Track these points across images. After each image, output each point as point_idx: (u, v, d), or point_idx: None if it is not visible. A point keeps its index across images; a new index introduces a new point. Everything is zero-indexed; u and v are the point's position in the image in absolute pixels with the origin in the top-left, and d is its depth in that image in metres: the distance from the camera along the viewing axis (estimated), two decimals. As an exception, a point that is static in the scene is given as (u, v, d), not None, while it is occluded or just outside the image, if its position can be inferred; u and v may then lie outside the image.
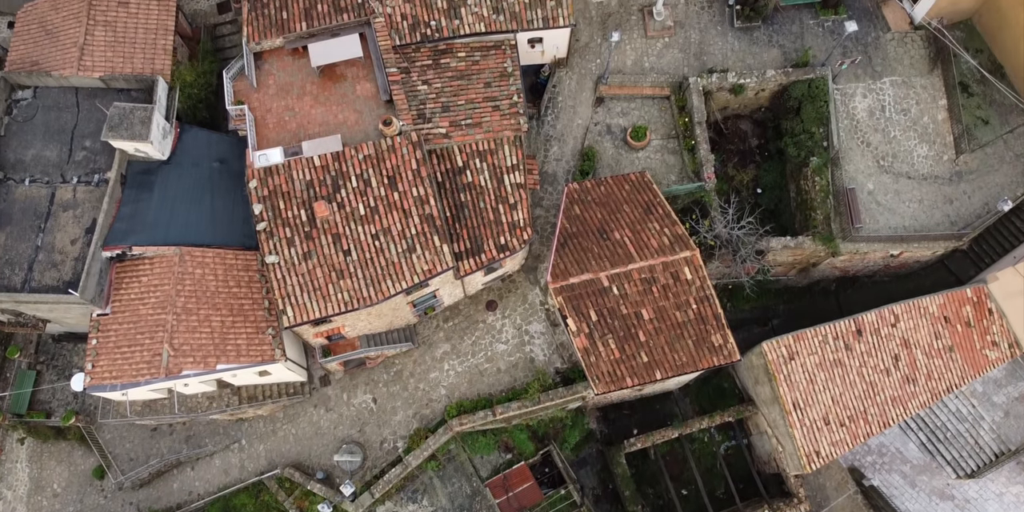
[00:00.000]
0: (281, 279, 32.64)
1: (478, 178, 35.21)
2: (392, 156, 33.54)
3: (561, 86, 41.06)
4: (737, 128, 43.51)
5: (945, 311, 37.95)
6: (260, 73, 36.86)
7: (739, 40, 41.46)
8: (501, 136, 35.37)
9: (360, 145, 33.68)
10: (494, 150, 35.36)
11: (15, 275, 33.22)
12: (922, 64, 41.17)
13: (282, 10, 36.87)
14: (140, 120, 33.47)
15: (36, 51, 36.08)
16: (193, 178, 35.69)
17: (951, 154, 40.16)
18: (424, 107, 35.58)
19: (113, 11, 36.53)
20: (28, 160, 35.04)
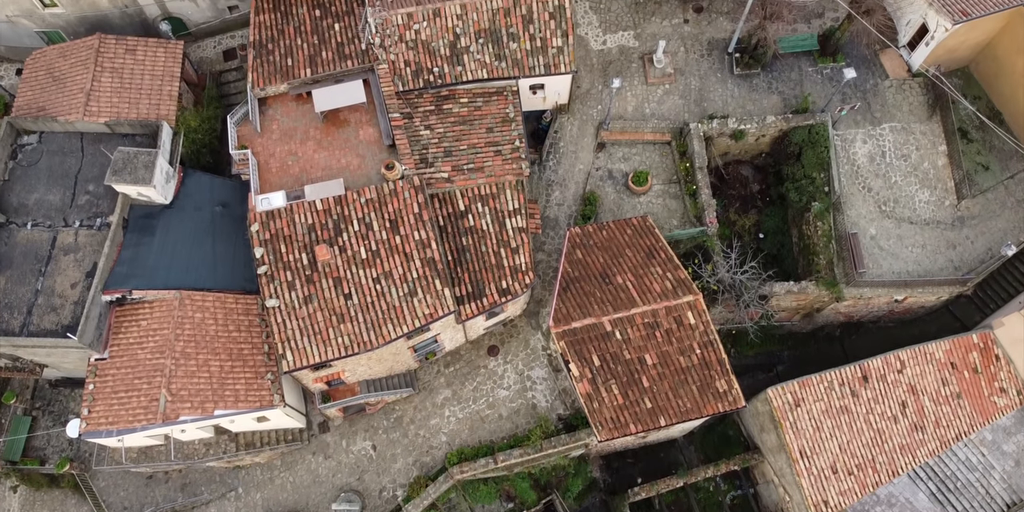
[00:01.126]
0: (281, 323, 32.40)
1: (480, 222, 35.21)
2: (394, 200, 33.59)
3: (563, 131, 41.37)
4: (738, 173, 43.70)
5: (951, 357, 37.53)
6: (264, 118, 37.17)
7: (739, 87, 41.88)
8: (503, 180, 35.47)
9: (362, 189, 33.77)
10: (496, 194, 35.43)
11: (14, 319, 32.99)
12: (921, 110, 41.50)
13: (287, 57, 37.38)
14: (144, 164, 33.62)
15: (43, 97, 36.46)
16: (195, 222, 35.71)
17: (952, 199, 40.22)
18: (426, 152, 35.78)
19: (120, 58, 37.03)
20: (31, 204, 35.11)
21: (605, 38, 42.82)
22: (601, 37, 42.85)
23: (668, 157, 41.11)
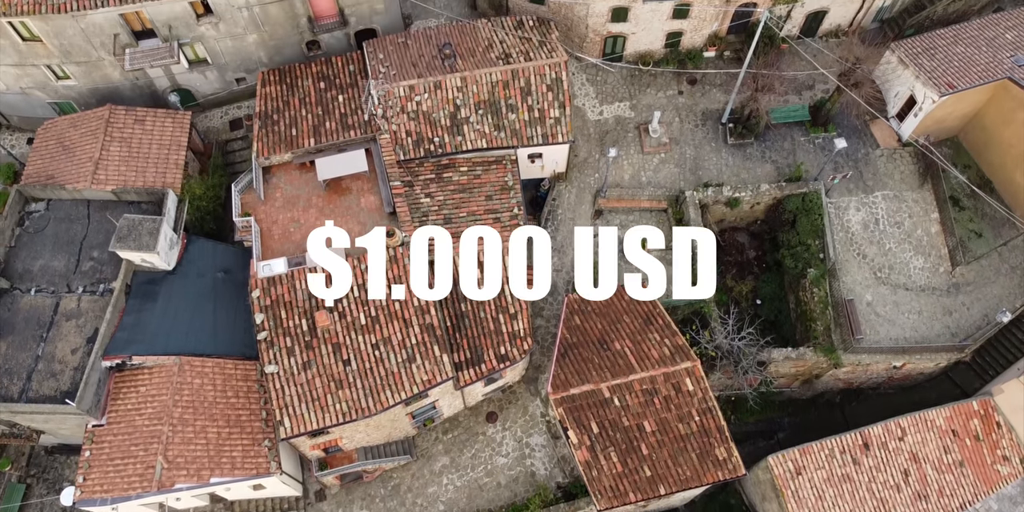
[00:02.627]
0: (279, 389, 32.43)
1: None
2: (394, 266, 34.00)
3: (561, 199, 42.07)
4: (734, 240, 44.25)
5: (952, 424, 37.32)
6: (268, 186, 37.93)
7: (733, 156, 42.78)
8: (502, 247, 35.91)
9: (363, 255, 34.20)
10: (495, 261, 35.85)
11: (13, 385, 33.04)
12: (912, 179, 42.28)
13: (291, 127, 38.36)
14: (148, 231, 34.18)
15: (52, 165, 37.29)
16: (197, 288, 36.06)
17: (947, 266, 40.62)
18: (427, 219, 36.38)
19: (129, 128, 38.02)
20: (36, 270, 35.54)
21: (602, 109, 43.95)
22: (598, 108, 43.98)
23: (665, 224, 41.68)
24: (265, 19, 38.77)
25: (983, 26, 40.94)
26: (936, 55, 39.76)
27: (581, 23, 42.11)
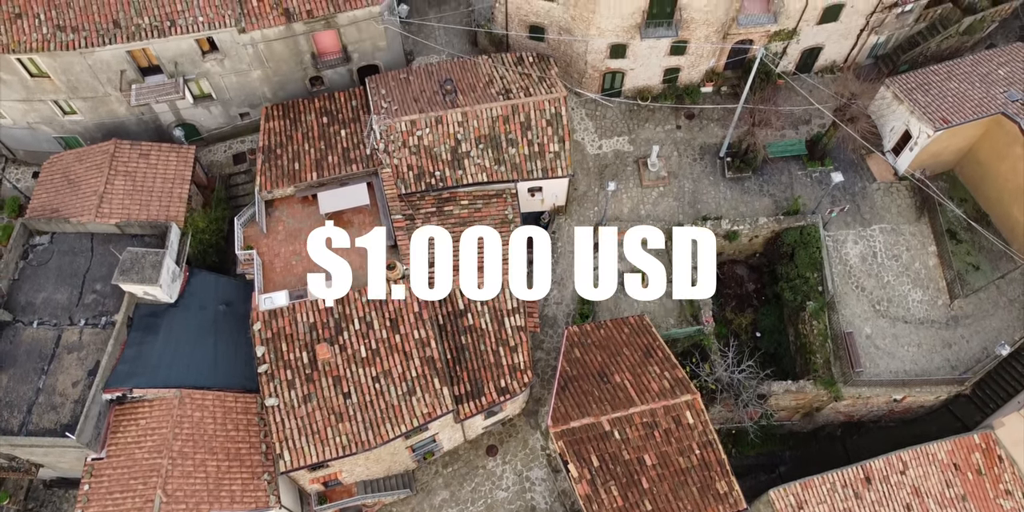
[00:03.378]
0: (280, 422, 32.44)
1: (479, 321, 35.68)
2: (395, 299, 34.17)
3: (561, 232, 42.39)
4: (733, 273, 44.48)
5: (954, 458, 37.17)
6: (270, 219, 38.28)
7: (731, 189, 43.19)
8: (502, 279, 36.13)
9: (364, 288, 34.42)
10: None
11: (13, 418, 33.04)
12: (909, 212, 42.63)
13: (294, 161, 38.82)
14: (151, 264, 34.43)
15: (57, 199, 37.67)
16: (198, 320, 36.21)
17: (945, 299, 40.78)
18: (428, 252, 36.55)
19: (134, 162, 38.46)
20: (38, 303, 35.73)
21: (601, 143, 44.46)
22: (597, 142, 44.50)
23: (664, 257, 41.88)
24: (269, 56, 39.45)
25: (976, 62, 41.56)
26: (930, 91, 40.33)
27: (580, 59, 42.79)
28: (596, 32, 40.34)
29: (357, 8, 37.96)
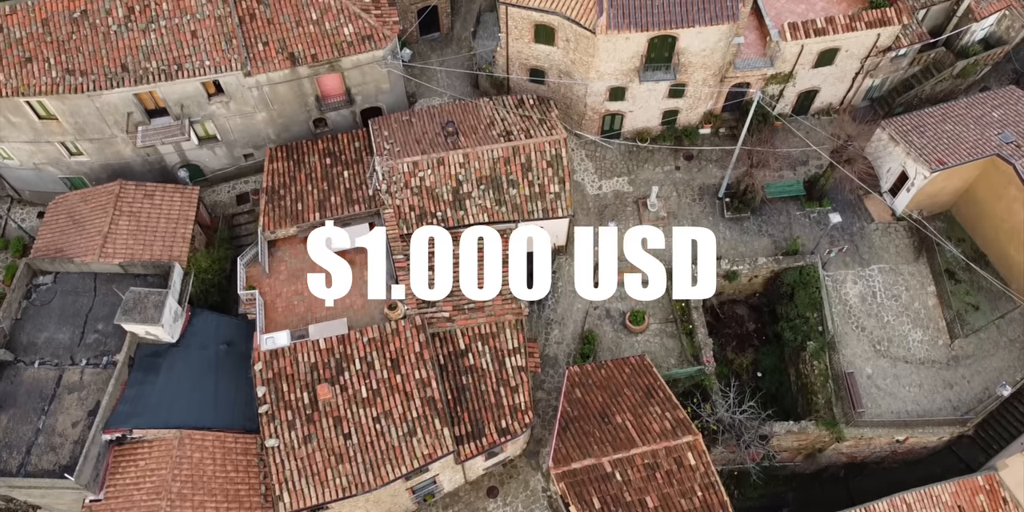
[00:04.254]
0: (279, 463, 32.28)
1: (480, 361, 35.72)
2: (396, 339, 34.27)
3: (561, 272, 42.59)
4: (733, 313, 44.59)
5: (958, 500, 36.85)
6: (273, 259, 38.52)
7: (730, 229, 43.50)
8: (503, 320, 36.26)
9: (365, 328, 34.53)
10: (496, 333, 36.13)
11: (12, 458, 32.88)
12: (908, 252, 42.89)
13: (297, 202, 39.20)
14: (154, 304, 34.57)
15: (62, 239, 37.97)
16: (200, 360, 36.23)
17: (945, 339, 40.83)
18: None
19: (139, 203, 38.84)
20: (40, 343, 35.79)
21: (601, 183, 44.91)
22: (597, 182, 44.95)
23: (664, 297, 42.08)
24: (274, 98, 40.08)
25: (970, 105, 42.23)
26: (926, 132, 40.89)
27: (580, 102, 43.45)
28: (596, 75, 41.04)
29: (361, 52, 38.65)
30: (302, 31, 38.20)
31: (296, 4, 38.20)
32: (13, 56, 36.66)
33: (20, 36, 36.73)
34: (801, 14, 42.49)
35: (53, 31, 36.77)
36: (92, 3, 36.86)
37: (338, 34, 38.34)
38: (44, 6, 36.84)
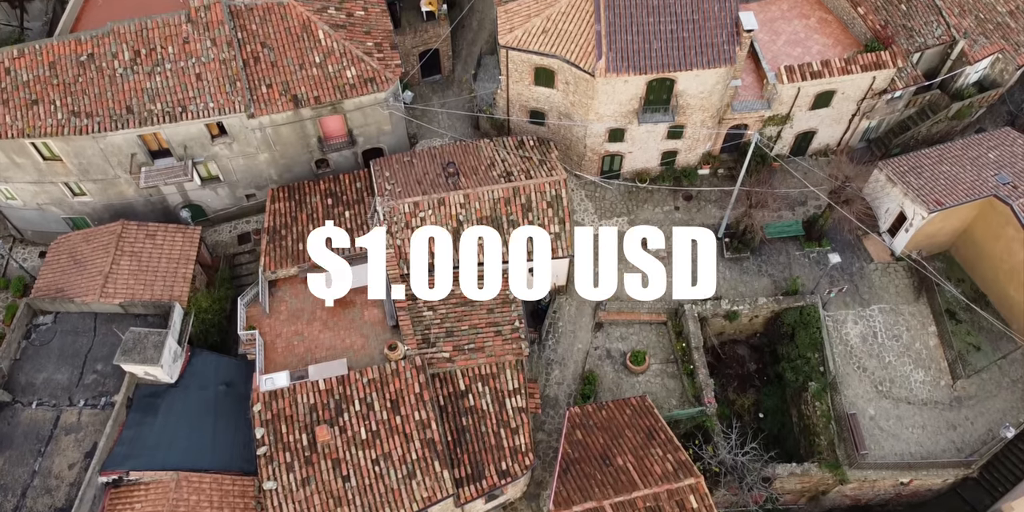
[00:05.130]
0: (277, 506, 31.91)
1: (480, 402, 35.54)
2: (396, 380, 34.14)
3: (561, 312, 42.58)
4: (735, 353, 44.47)
5: (964, 543, 36.47)
6: (273, 299, 38.54)
7: (730, 269, 43.60)
8: (503, 360, 36.17)
9: (365, 369, 34.42)
10: (496, 374, 36.01)
11: (7, 502, 32.53)
12: (907, 292, 42.91)
13: (299, 242, 39.36)
14: (153, 345, 34.50)
15: (63, 279, 38.03)
16: (198, 401, 36.04)
17: (948, 379, 40.67)
18: (428, 332, 36.75)
19: (140, 242, 38.98)
20: (38, 383, 35.65)
21: (601, 223, 45.08)
22: (597, 223, 45.14)
23: (665, 337, 42.05)
24: (277, 139, 40.49)
25: (966, 146, 42.63)
26: (923, 173, 41.22)
27: (580, 143, 43.88)
28: (595, 117, 41.52)
29: (363, 95, 39.16)
30: (305, 74, 38.74)
31: (300, 48, 38.80)
32: (20, 98, 37.13)
33: (27, 79, 37.23)
34: (797, 57, 43.13)
35: (60, 74, 37.29)
36: (99, 47, 37.43)
37: (341, 77, 38.87)
38: (52, 49, 37.42)
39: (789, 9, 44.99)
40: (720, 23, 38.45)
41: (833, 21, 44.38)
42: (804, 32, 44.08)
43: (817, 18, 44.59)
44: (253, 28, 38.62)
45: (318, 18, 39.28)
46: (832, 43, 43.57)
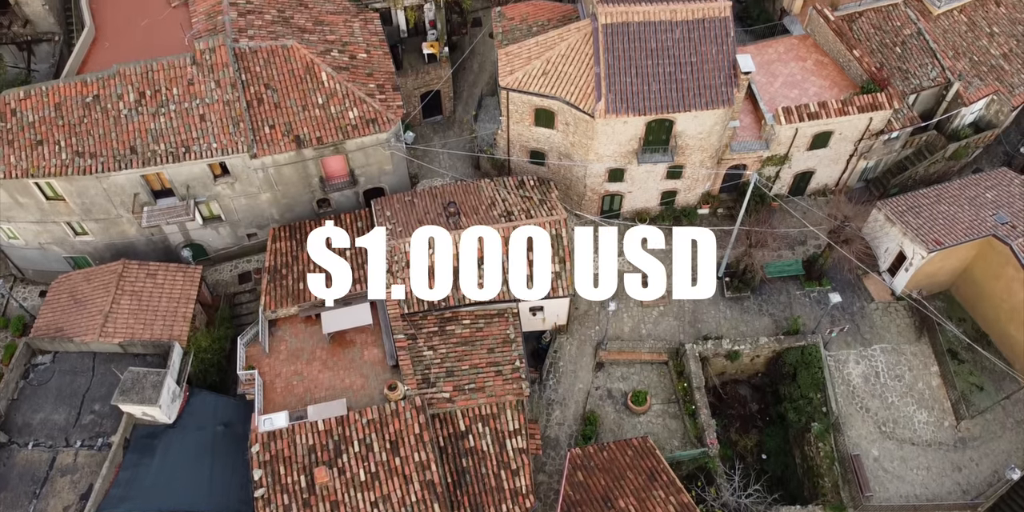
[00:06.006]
0: (274, 550, 31.47)
1: (480, 443, 35.22)
2: (395, 421, 33.88)
3: (562, 351, 42.43)
4: (736, 393, 44.19)
5: (973, 588, 35.83)
6: (273, 339, 38.44)
7: (731, 309, 43.55)
8: (504, 400, 35.95)
9: (364, 409, 34.18)
10: (496, 415, 35.76)
11: (0, 544, 32.15)
12: (909, 332, 42.80)
13: (299, 281, 39.38)
14: (152, 384, 34.34)
15: (63, 318, 37.96)
16: (196, 442, 35.73)
17: (951, 420, 40.34)
18: (429, 372, 36.59)
19: (141, 282, 39.00)
20: (35, 424, 35.39)
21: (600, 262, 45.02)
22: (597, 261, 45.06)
23: (666, 377, 41.83)
24: (279, 179, 40.76)
25: (964, 186, 42.88)
26: (921, 213, 41.40)
27: (580, 183, 44.16)
28: (595, 157, 41.86)
29: (365, 135, 39.52)
30: (308, 115, 39.15)
31: (303, 89, 39.27)
32: (25, 139, 37.48)
33: (33, 120, 37.63)
34: (795, 99, 43.63)
35: (65, 115, 37.69)
36: (105, 88, 37.90)
37: (343, 117, 39.28)
38: (58, 91, 37.88)
39: (786, 52, 45.65)
40: (718, 65, 39.00)
41: (829, 63, 44.99)
42: (801, 74, 44.67)
43: (813, 60, 45.22)
44: (257, 70, 39.13)
45: (321, 60, 39.83)
46: (829, 85, 44.12)
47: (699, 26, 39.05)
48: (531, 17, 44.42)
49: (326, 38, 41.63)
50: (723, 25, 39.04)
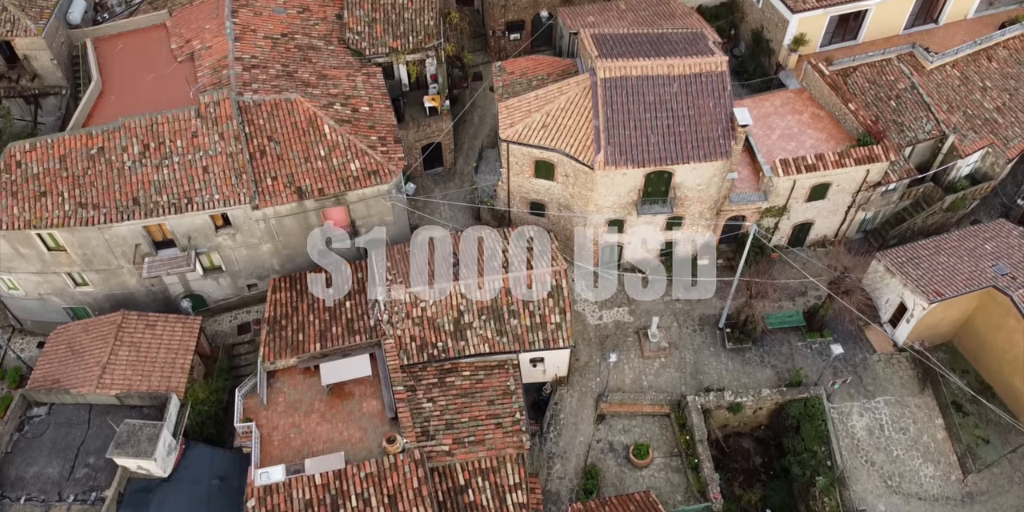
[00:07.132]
0: (268, 609, 30.68)
1: (480, 497, 34.65)
2: (394, 474, 33.37)
3: (563, 403, 42.03)
4: (739, 446, 43.64)
5: None
6: (271, 391, 38.11)
7: (732, 360, 43.28)
8: (504, 454, 35.49)
9: (362, 463, 33.69)
10: (496, 468, 35.25)
11: (-13, 603, 31.37)
12: (912, 384, 42.46)
13: (299, 332, 39.24)
14: (148, 437, 33.94)
15: (60, 369, 37.72)
16: (191, 496, 35.16)
17: (958, 474, 39.76)
18: (428, 424, 36.21)
19: (140, 333, 38.85)
20: (28, 478, 34.86)
21: (601, 313, 45.07)
22: (597, 312, 45.11)
23: (668, 429, 41.37)
24: (280, 230, 40.93)
25: (962, 237, 43.02)
26: (921, 264, 41.45)
27: (579, 234, 44.30)
28: (594, 209, 42.11)
29: (367, 187, 39.83)
30: (310, 166, 39.51)
31: (305, 141, 39.71)
32: (29, 190, 37.76)
33: (37, 171, 37.97)
34: (792, 151, 44.07)
35: (70, 166, 38.05)
36: (109, 141, 38.33)
37: (345, 169, 39.64)
38: (63, 143, 38.31)
39: (782, 105, 46.29)
40: (715, 118, 39.52)
41: (825, 116, 45.59)
42: (797, 127, 45.22)
43: (810, 114, 45.83)
44: (260, 122, 39.63)
45: (324, 113, 40.37)
46: (825, 138, 44.63)
47: (696, 80, 39.72)
48: (531, 71, 45.17)
49: (329, 92, 42.27)
50: (720, 79, 39.70)
